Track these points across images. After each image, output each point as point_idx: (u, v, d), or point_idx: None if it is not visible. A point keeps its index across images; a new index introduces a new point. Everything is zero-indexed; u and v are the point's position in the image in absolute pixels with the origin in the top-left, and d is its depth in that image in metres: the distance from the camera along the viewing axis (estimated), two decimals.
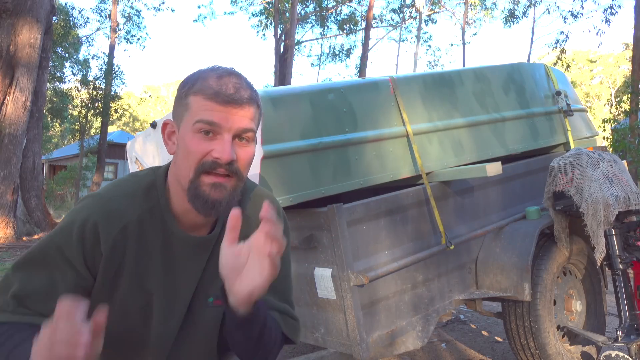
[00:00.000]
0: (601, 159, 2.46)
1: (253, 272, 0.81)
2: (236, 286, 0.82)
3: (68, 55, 19.45)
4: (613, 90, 39.37)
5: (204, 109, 0.88)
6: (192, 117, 0.89)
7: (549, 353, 2.42)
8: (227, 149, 0.88)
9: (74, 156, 24.13)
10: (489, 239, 2.56)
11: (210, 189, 0.89)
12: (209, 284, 1.03)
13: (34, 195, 8.87)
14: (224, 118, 0.88)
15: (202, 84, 0.90)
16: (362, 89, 2.31)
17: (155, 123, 2.64)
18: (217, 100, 0.88)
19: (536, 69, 3.38)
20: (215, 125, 0.88)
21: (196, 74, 0.94)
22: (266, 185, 1.87)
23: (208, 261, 1.02)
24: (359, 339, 1.92)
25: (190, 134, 0.89)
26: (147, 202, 0.97)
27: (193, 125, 0.89)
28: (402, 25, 24.94)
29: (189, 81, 0.92)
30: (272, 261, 0.79)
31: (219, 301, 1.03)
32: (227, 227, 0.82)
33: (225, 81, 0.90)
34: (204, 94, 0.89)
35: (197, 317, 1.03)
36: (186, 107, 0.91)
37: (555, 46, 19.88)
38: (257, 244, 0.81)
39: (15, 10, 7.95)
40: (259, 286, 0.81)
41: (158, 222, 0.97)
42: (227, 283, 0.84)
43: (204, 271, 1.02)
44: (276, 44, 17.59)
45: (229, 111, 0.89)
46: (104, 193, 0.97)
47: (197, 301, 1.02)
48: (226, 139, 0.89)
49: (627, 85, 12.05)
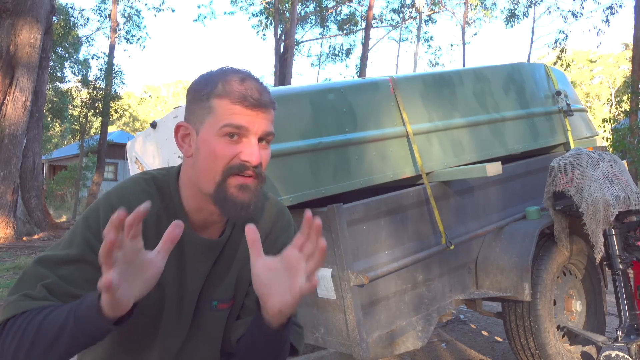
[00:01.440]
0: (601, 159, 2.46)
1: (283, 288, 0.80)
2: (268, 302, 0.82)
3: (68, 55, 19.43)
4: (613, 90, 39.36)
5: (231, 113, 0.89)
6: (218, 121, 0.89)
7: (549, 353, 2.42)
8: (255, 152, 0.89)
9: (74, 156, 24.12)
10: (489, 239, 2.56)
11: (237, 191, 0.90)
12: (214, 287, 1.03)
13: (34, 195, 8.88)
14: (252, 122, 0.90)
15: (226, 87, 0.90)
16: (362, 89, 2.31)
17: (155, 123, 2.64)
18: (245, 104, 0.89)
19: (536, 69, 3.38)
20: (243, 128, 0.89)
21: (215, 75, 0.93)
22: (266, 185, 1.87)
23: (215, 264, 1.02)
24: (359, 339, 1.92)
25: (215, 138, 0.90)
26: (162, 201, 0.98)
27: (220, 129, 0.89)
28: (402, 25, 24.94)
29: (209, 84, 0.92)
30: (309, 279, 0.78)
31: (223, 305, 1.04)
32: (248, 242, 0.81)
33: (249, 85, 0.90)
34: (230, 98, 0.89)
35: (202, 319, 1.03)
36: (209, 110, 0.90)
37: (556, 45, 19.87)
38: (289, 259, 0.80)
39: (15, 10, 7.95)
40: (289, 304, 0.80)
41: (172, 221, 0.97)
42: (260, 298, 0.84)
43: (210, 273, 1.02)
44: (276, 44, 17.59)
45: (256, 114, 0.90)
46: (123, 190, 0.97)
47: (202, 303, 1.03)
48: (253, 142, 0.90)
49: (627, 85, 12.05)
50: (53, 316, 0.79)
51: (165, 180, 1.00)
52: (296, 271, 0.79)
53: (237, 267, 1.05)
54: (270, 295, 0.81)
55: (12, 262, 6.01)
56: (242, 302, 1.08)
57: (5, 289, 4.75)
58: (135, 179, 1.00)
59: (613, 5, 17.36)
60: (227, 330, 1.07)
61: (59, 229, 9.33)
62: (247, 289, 1.07)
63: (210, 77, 0.93)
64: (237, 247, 1.05)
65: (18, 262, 5.98)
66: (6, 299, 0.87)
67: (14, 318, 0.83)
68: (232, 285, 1.05)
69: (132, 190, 0.97)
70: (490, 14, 24.93)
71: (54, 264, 0.88)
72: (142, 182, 0.99)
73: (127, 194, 0.96)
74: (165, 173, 1.02)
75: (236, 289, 1.06)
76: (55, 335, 0.77)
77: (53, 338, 0.77)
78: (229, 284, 1.05)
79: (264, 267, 0.81)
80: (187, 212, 0.98)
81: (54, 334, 0.77)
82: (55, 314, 0.79)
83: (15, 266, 5.79)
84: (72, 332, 0.76)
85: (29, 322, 0.80)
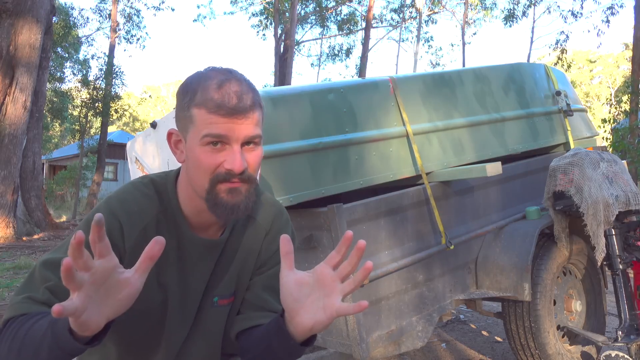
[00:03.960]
0: (601, 159, 2.46)
1: (316, 306, 0.79)
2: (297, 318, 0.80)
3: (68, 55, 19.43)
4: (613, 90, 39.36)
5: (208, 123, 0.87)
6: (199, 131, 0.88)
7: (549, 353, 2.42)
8: (237, 160, 0.88)
9: (74, 156, 24.12)
10: (489, 239, 2.56)
11: (227, 195, 0.90)
12: (216, 284, 1.04)
13: (34, 195, 8.88)
14: (230, 129, 0.87)
15: (203, 95, 0.88)
16: (362, 89, 2.31)
17: (155, 123, 2.64)
18: (221, 113, 0.87)
19: (536, 69, 3.38)
20: (222, 137, 0.88)
21: (195, 81, 0.92)
22: (266, 185, 1.88)
23: (217, 263, 1.04)
24: (359, 339, 1.92)
25: (198, 147, 0.89)
26: (161, 204, 0.99)
27: (201, 139, 0.88)
28: (402, 25, 24.94)
29: (189, 90, 0.91)
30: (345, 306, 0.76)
31: (223, 300, 1.05)
32: (282, 253, 0.80)
33: (226, 90, 0.88)
34: (206, 107, 0.87)
35: (204, 316, 1.04)
36: (190, 119, 0.90)
37: (556, 46, 19.86)
38: (322, 276, 0.78)
39: (15, 10, 7.95)
40: (322, 323, 0.78)
41: (171, 224, 0.99)
42: (287, 312, 0.82)
43: (213, 272, 1.04)
44: (276, 44, 17.58)
45: (234, 122, 0.88)
46: (123, 195, 0.98)
47: (204, 301, 1.04)
48: (235, 150, 0.88)
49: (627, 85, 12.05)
50: (38, 326, 0.78)
51: (164, 183, 1.01)
52: (331, 290, 0.77)
53: (237, 264, 1.06)
54: (301, 311, 0.79)
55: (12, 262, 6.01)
56: (242, 297, 1.08)
57: (5, 288, 4.75)
58: (134, 183, 1.01)
59: (613, 6, 17.36)
60: (227, 326, 1.07)
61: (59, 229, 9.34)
62: (248, 284, 1.08)
63: (191, 83, 0.92)
64: (238, 245, 1.06)
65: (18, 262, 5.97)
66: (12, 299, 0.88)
67: (13, 319, 0.84)
68: (233, 282, 1.06)
69: (132, 194, 0.97)
70: (490, 13, 24.94)
71: (56, 267, 0.88)
72: (141, 186, 0.99)
73: (127, 198, 0.96)
74: (164, 176, 1.02)
75: (237, 286, 1.07)
76: (37, 346, 0.77)
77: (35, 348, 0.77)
78: (230, 281, 1.06)
79: (295, 282, 0.79)
80: (185, 214, 0.99)
81: (37, 344, 0.76)
82: (40, 323, 0.78)
83: (15, 266, 5.79)
84: (50, 346, 0.75)
85: (20, 327, 0.80)
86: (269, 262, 1.09)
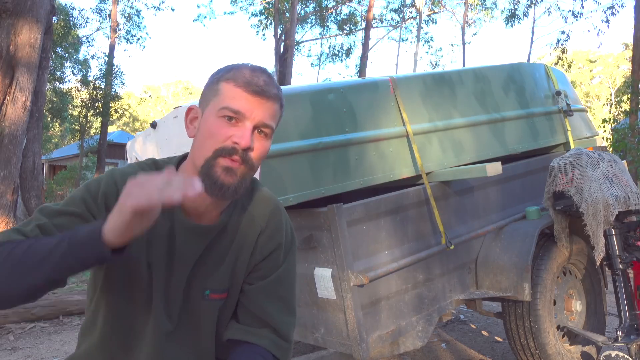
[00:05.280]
0: (601, 159, 2.46)
1: None
2: None
3: (68, 55, 19.42)
4: (613, 90, 39.36)
5: (231, 97, 0.93)
6: (220, 103, 0.94)
7: (549, 353, 2.42)
8: (246, 136, 0.92)
9: (74, 156, 24.12)
10: (489, 239, 2.56)
11: (222, 172, 0.92)
12: (206, 275, 1.03)
13: (34, 195, 8.88)
14: (250, 109, 0.93)
15: (235, 73, 0.95)
16: (362, 89, 2.31)
17: (155, 123, 2.64)
18: (247, 89, 0.93)
19: (536, 69, 3.39)
20: (239, 114, 0.93)
21: (230, 65, 0.99)
22: (266, 185, 1.87)
23: (206, 250, 1.02)
24: (359, 339, 1.92)
25: (214, 118, 0.94)
26: None
27: (219, 110, 0.93)
28: (402, 25, 24.93)
29: (223, 70, 0.98)
30: None
31: (215, 295, 1.04)
32: None
33: (258, 74, 0.95)
34: (235, 82, 0.94)
35: (193, 307, 1.03)
36: (216, 92, 0.95)
37: (557, 46, 19.85)
38: None
39: (15, 10, 7.95)
40: None
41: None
42: None
43: (200, 260, 1.02)
44: (276, 44, 17.58)
45: (255, 101, 0.93)
46: (126, 169, 1.04)
47: (194, 291, 1.03)
48: (247, 127, 0.93)
49: (627, 85, 12.05)
50: (42, 242, 0.85)
51: (165, 164, 1.04)
52: None
53: (232, 257, 1.04)
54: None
55: None
56: (237, 296, 1.07)
57: None
58: (137, 162, 1.06)
59: (613, 6, 17.36)
60: (221, 324, 1.06)
61: None
62: (242, 282, 1.06)
63: (226, 67, 0.99)
64: (234, 236, 1.05)
65: None
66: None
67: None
68: (226, 276, 1.05)
69: (133, 169, 1.03)
70: (490, 13, 24.94)
71: (52, 213, 0.94)
72: (143, 164, 1.05)
73: (129, 171, 1.02)
74: (167, 160, 1.06)
75: (231, 281, 1.05)
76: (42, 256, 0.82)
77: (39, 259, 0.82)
78: (223, 274, 1.04)
79: None
80: None
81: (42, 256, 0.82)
82: (45, 240, 0.85)
83: None
84: (63, 255, 0.82)
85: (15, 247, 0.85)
86: (268, 265, 1.07)
